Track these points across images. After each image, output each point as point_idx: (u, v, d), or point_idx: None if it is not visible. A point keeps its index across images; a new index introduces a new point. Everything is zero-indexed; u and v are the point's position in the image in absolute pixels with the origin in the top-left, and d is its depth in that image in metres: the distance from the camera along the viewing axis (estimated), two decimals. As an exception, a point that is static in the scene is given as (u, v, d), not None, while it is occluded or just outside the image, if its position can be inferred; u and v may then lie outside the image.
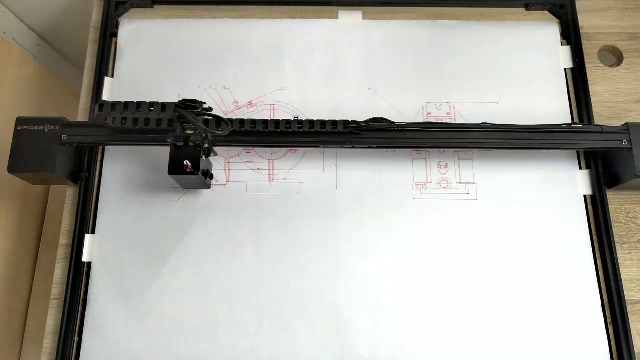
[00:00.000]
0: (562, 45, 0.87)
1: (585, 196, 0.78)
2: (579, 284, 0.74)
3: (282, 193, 0.78)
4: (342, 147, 0.74)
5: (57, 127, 0.72)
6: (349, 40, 0.87)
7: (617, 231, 0.77)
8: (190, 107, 0.67)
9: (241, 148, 0.80)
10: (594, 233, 0.77)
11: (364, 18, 0.88)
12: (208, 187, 0.77)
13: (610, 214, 0.77)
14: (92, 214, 0.77)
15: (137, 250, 0.75)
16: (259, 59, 0.85)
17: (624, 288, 0.74)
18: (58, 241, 0.77)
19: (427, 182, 0.79)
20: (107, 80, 0.84)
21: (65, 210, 0.78)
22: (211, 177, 0.76)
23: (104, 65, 0.84)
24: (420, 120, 0.82)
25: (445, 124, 0.76)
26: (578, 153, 0.80)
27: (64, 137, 0.72)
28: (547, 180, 0.78)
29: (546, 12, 0.90)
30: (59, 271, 0.76)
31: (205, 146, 0.68)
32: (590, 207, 0.78)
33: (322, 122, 0.72)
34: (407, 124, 0.73)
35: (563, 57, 0.86)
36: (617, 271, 0.74)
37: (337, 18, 0.88)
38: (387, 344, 0.71)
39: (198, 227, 0.76)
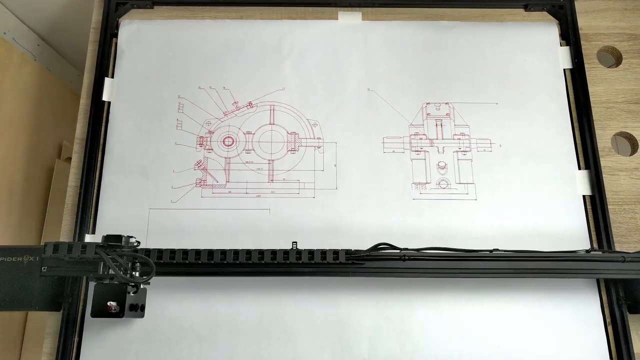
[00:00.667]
0: (561, 45, 0.87)
1: (584, 196, 0.78)
2: (578, 284, 0.74)
3: (282, 193, 0.78)
4: (344, 276, 0.69)
5: (37, 259, 0.67)
6: (348, 40, 0.87)
7: (616, 231, 0.77)
8: (113, 245, 0.64)
9: (241, 149, 0.80)
10: (593, 233, 0.77)
11: (363, 19, 0.89)
12: (142, 316, 0.71)
13: (610, 214, 0.77)
14: (93, 214, 0.77)
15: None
16: (258, 59, 0.85)
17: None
18: (58, 241, 0.77)
19: (427, 183, 0.79)
20: (107, 81, 0.84)
21: (66, 211, 0.78)
22: (142, 308, 0.70)
23: (104, 65, 0.85)
24: (420, 120, 0.82)
25: (455, 251, 0.70)
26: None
27: (44, 269, 0.66)
28: (546, 180, 0.79)
29: (545, 12, 0.90)
30: (59, 271, 0.76)
31: (132, 285, 0.66)
32: (589, 207, 0.78)
33: (323, 252, 0.68)
34: (415, 251, 0.68)
35: (562, 57, 0.86)
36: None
37: (336, 19, 0.88)
38: (386, 344, 0.71)
39: (199, 225, 0.76)
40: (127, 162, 0.79)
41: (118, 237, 0.65)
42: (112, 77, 0.85)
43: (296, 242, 0.70)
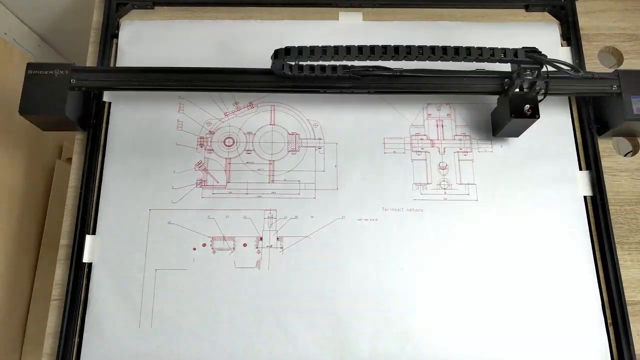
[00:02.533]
0: (562, 46, 0.87)
1: (585, 197, 0.78)
2: (579, 285, 0.74)
3: (283, 194, 0.78)
4: (341, 92, 0.75)
5: (67, 71, 0.74)
6: (349, 41, 0.86)
7: (617, 232, 0.77)
8: (533, 52, 0.70)
9: (242, 149, 0.80)
10: (594, 234, 0.77)
11: (364, 19, 0.89)
12: (520, 134, 0.78)
13: (611, 214, 0.77)
14: (93, 214, 0.77)
15: (138, 251, 0.75)
16: (259, 60, 0.85)
17: (624, 289, 0.74)
18: (58, 242, 0.77)
19: (427, 183, 0.79)
20: (108, 81, 0.84)
21: (66, 211, 0.78)
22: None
23: (105, 66, 0.84)
24: (421, 121, 0.82)
25: (442, 70, 0.76)
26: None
27: (73, 81, 0.74)
28: (547, 180, 0.78)
29: (546, 13, 0.90)
30: (60, 272, 0.76)
31: (543, 90, 0.72)
32: (590, 207, 0.78)
33: (322, 68, 0.73)
34: (404, 70, 0.74)
35: (563, 58, 0.86)
36: (618, 272, 0.74)
37: (337, 19, 0.88)
38: (387, 345, 0.71)
39: (199, 226, 0.76)
40: (127, 162, 0.79)
41: (534, 48, 0.72)
42: (113, 77, 0.85)
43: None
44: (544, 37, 0.87)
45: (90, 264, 0.75)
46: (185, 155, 0.80)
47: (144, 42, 0.86)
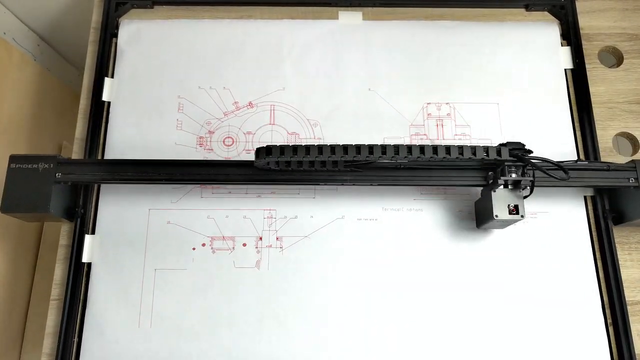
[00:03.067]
0: (562, 45, 0.87)
1: (585, 197, 0.78)
2: (579, 285, 0.74)
3: (282, 194, 0.78)
4: (342, 184, 0.73)
5: (51, 165, 0.70)
6: (349, 40, 0.87)
7: (617, 232, 0.77)
8: (518, 149, 0.66)
9: (241, 149, 0.80)
10: (594, 234, 0.77)
11: (364, 19, 0.88)
12: (505, 227, 0.74)
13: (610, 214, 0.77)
14: (93, 214, 0.77)
15: (137, 251, 0.75)
16: (259, 59, 0.85)
17: (624, 289, 0.74)
18: (58, 242, 0.77)
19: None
20: (107, 81, 0.84)
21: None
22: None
23: (104, 65, 0.85)
24: (421, 121, 0.82)
25: (433, 164, 0.71)
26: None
27: (58, 175, 0.70)
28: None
29: (546, 12, 0.90)
30: (59, 272, 0.76)
31: (527, 188, 0.68)
32: (590, 207, 0.78)
33: (322, 163, 0.69)
34: (409, 162, 0.69)
35: (563, 57, 0.86)
36: (618, 272, 0.74)
37: (337, 19, 0.88)
38: (385, 346, 0.71)
39: (198, 226, 0.76)
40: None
41: (519, 143, 0.67)
42: (112, 77, 0.84)
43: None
44: (543, 36, 0.87)
45: (89, 264, 0.75)
46: (184, 155, 0.79)
47: (144, 41, 0.86)
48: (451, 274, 0.74)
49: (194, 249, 0.75)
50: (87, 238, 0.76)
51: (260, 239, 0.76)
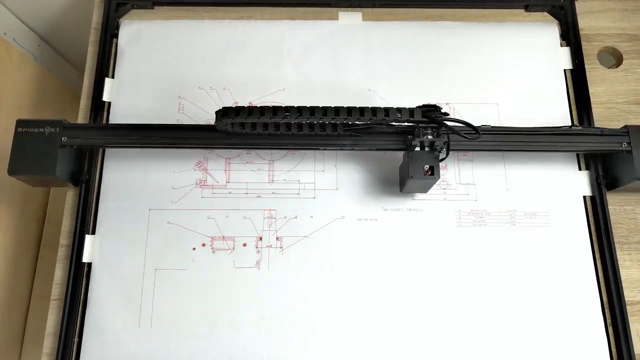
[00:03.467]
0: (561, 46, 0.87)
1: (584, 197, 0.78)
2: (578, 285, 0.74)
3: (282, 194, 0.78)
4: (342, 149, 0.74)
5: (57, 129, 0.72)
6: (349, 41, 0.87)
7: (617, 232, 0.77)
8: (432, 111, 0.67)
9: (242, 150, 0.80)
10: (593, 234, 0.77)
11: (363, 19, 0.89)
12: (427, 190, 0.76)
13: (610, 215, 0.77)
14: (93, 214, 0.77)
15: (137, 251, 0.75)
16: (259, 60, 0.85)
17: (624, 289, 0.74)
18: (58, 242, 0.77)
19: None
20: (108, 81, 0.84)
21: (66, 211, 0.78)
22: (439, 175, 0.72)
23: (105, 66, 0.85)
24: (420, 121, 0.82)
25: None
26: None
27: (64, 139, 0.72)
28: (546, 181, 0.79)
29: (545, 13, 0.90)
30: (59, 272, 0.76)
31: (444, 150, 0.69)
32: (590, 208, 0.78)
33: (322, 126, 0.71)
34: (406, 126, 0.72)
35: (562, 58, 0.86)
36: (617, 272, 0.74)
37: (337, 19, 0.88)
38: (385, 344, 0.71)
39: (199, 226, 0.76)
40: (127, 162, 0.79)
41: (434, 106, 0.68)
42: (113, 77, 0.85)
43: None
44: (543, 37, 0.87)
45: (90, 264, 0.75)
46: (184, 155, 0.80)
47: (144, 42, 0.86)
48: (451, 274, 0.74)
49: (194, 249, 0.75)
50: (88, 238, 0.76)
51: (260, 239, 0.76)
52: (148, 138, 0.73)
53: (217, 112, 0.67)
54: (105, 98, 0.83)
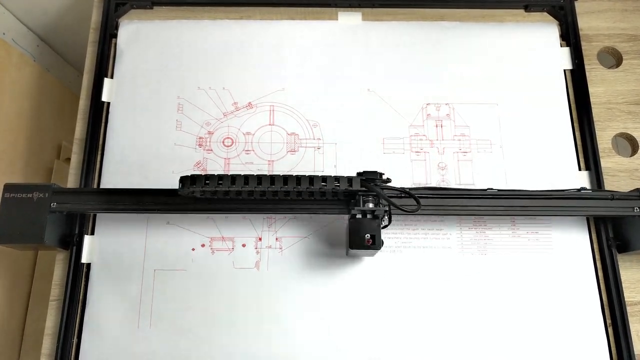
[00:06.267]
0: (561, 46, 0.87)
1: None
2: (578, 285, 0.74)
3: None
4: (339, 213, 0.71)
5: (47, 194, 0.69)
6: (348, 41, 0.87)
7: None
8: (371, 179, 0.65)
9: (241, 149, 0.80)
10: (593, 234, 0.77)
11: (363, 19, 0.88)
12: (374, 255, 0.73)
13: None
14: (92, 215, 0.77)
15: (137, 251, 0.75)
16: (258, 60, 0.85)
17: (624, 289, 0.74)
18: (57, 242, 0.77)
19: (427, 183, 0.79)
20: (107, 81, 0.84)
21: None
22: (381, 244, 0.67)
23: (104, 66, 0.84)
24: (420, 121, 0.82)
25: (449, 190, 0.72)
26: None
27: (53, 205, 0.69)
28: (547, 181, 0.78)
29: (545, 13, 0.90)
30: (59, 272, 0.76)
31: (385, 217, 0.67)
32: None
33: (323, 193, 0.67)
34: (409, 189, 0.69)
35: (562, 58, 0.86)
36: (617, 272, 0.74)
37: (336, 19, 0.88)
38: (387, 342, 0.71)
39: (198, 226, 0.76)
40: (126, 162, 0.79)
41: (374, 173, 0.65)
42: (112, 77, 0.84)
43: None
44: (543, 37, 0.87)
45: (89, 264, 0.75)
46: (184, 156, 0.79)
47: (143, 42, 0.86)
48: (451, 274, 0.74)
49: (193, 249, 0.75)
50: (87, 238, 0.76)
51: (260, 239, 0.76)
52: (141, 204, 0.70)
53: (182, 179, 0.64)
54: (104, 98, 0.83)
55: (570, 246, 0.76)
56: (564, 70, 0.85)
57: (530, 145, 0.81)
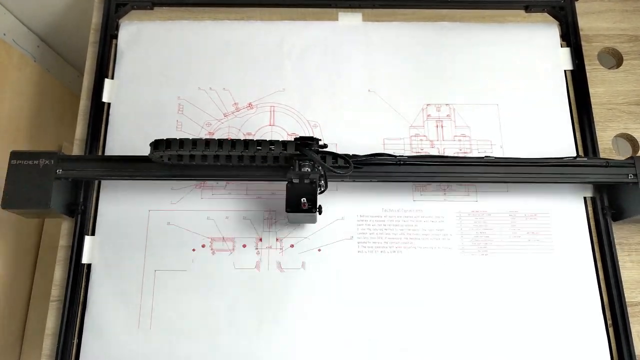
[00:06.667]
0: (561, 47, 0.87)
1: (585, 198, 0.78)
2: (579, 286, 0.74)
3: (282, 194, 0.78)
4: (342, 180, 0.73)
5: (52, 161, 0.70)
6: (349, 41, 0.87)
7: (618, 233, 0.77)
8: (308, 144, 0.66)
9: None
10: (594, 235, 0.77)
11: (363, 20, 0.88)
12: (314, 221, 0.74)
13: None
14: (92, 215, 0.77)
15: (137, 252, 0.75)
16: (259, 60, 0.85)
17: (624, 290, 0.74)
18: (58, 243, 0.77)
19: (427, 184, 0.79)
20: (107, 82, 0.84)
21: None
22: (320, 211, 0.70)
23: (104, 66, 0.85)
24: (421, 122, 0.82)
25: (448, 157, 0.74)
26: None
27: (59, 171, 0.70)
28: (546, 184, 0.78)
29: (546, 13, 0.90)
30: (59, 273, 0.76)
31: (322, 182, 0.68)
32: (590, 209, 0.78)
33: (323, 157, 0.69)
34: (408, 157, 0.72)
35: (563, 58, 0.86)
36: (618, 273, 0.74)
37: (337, 20, 0.88)
38: (387, 343, 0.71)
39: (198, 227, 0.76)
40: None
41: (311, 138, 0.66)
42: (112, 78, 0.85)
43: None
44: (543, 38, 0.87)
45: (89, 265, 0.75)
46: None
47: (143, 42, 0.86)
48: (451, 275, 0.74)
49: (193, 250, 0.75)
50: (87, 239, 0.76)
51: (260, 240, 0.76)
52: (146, 171, 0.72)
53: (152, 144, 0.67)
54: (104, 99, 0.83)
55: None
56: (565, 71, 0.85)
57: (530, 145, 0.81)
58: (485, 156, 0.72)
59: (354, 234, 0.76)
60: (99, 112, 0.82)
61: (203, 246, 0.75)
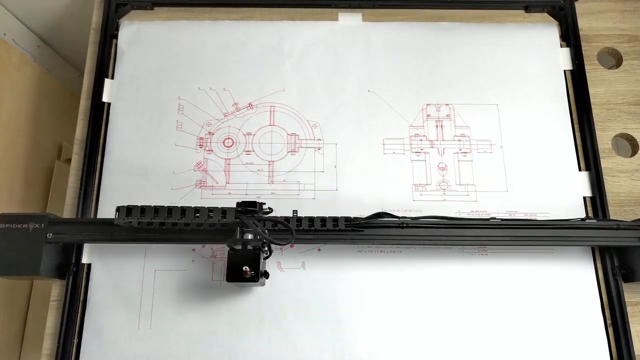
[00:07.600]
0: (561, 47, 0.87)
1: (584, 198, 0.78)
2: (578, 285, 0.74)
3: (282, 194, 0.78)
4: (342, 244, 0.71)
5: (42, 225, 0.68)
6: (348, 42, 0.87)
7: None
8: (251, 211, 0.64)
9: (241, 150, 0.80)
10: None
11: (363, 20, 0.89)
12: (263, 284, 0.71)
13: (610, 215, 0.77)
14: (92, 215, 0.77)
15: (137, 252, 0.75)
16: (258, 60, 0.85)
17: (624, 290, 0.73)
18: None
19: (427, 184, 0.79)
20: (107, 82, 0.84)
21: (65, 212, 0.78)
22: (267, 275, 0.69)
23: (104, 66, 0.85)
24: (421, 122, 0.82)
25: (453, 219, 0.72)
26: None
27: (49, 235, 0.68)
28: (547, 181, 0.79)
29: (545, 14, 0.90)
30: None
31: (265, 249, 0.66)
32: (590, 208, 0.78)
33: (322, 220, 0.68)
34: (411, 219, 0.70)
35: (562, 58, 0.86)
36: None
37: (336, 20, 0.88)
38: (387, 343, 0.71)
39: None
40: (127, 163, 0.79)
41: (253, 203, 0.64)
42: (112, 78, 0.85)
43: (296, 211, 0.69)
44: (543, 38, 0.87)
45: (89, 265, 0.75)
46: (184, 156, 0.80)
47: (144, 42, 0.86)
48: (452, 274, 0.74)
49: (193, 249, 0.75)
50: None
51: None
52: (140, 233, 0.69)
53: (118, 209, 0.65)
54: (105, 99, 0.83)
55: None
56: (564, 71, 0.85)
57: (530, 145, 0.81)
58: (491, 218, 0.71)
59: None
60: (99, 112, 0.82)
61: (203, 246, 0.75)
